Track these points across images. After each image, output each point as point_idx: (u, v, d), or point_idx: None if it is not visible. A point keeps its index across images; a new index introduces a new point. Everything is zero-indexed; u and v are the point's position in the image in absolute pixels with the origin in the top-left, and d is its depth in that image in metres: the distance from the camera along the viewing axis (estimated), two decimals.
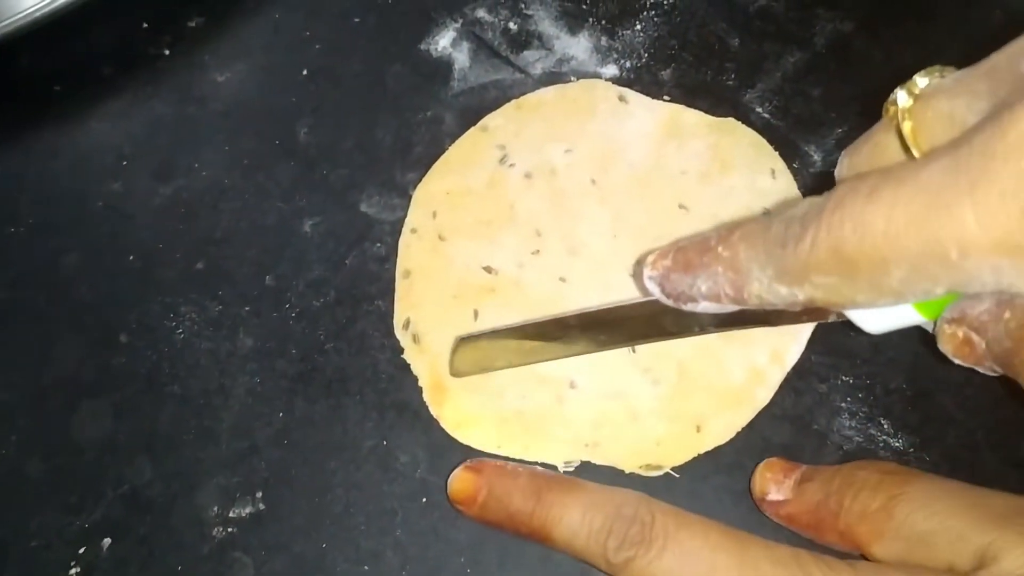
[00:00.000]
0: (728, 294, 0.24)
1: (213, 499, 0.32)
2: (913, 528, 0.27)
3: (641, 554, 0.27)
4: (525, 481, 0.30)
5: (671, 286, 0.26)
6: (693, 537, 0.27)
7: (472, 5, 0.39)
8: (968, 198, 0.18)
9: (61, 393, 0.34)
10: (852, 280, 0.21)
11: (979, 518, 0.26)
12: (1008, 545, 0.25)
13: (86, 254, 0.36)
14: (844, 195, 0.21)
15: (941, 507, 0.27)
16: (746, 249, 0.23)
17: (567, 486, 0.30)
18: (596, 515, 0.28)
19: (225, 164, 0.37)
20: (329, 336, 0.34)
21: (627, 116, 0.36)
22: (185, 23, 0.39)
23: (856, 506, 0.28)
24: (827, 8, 0.38)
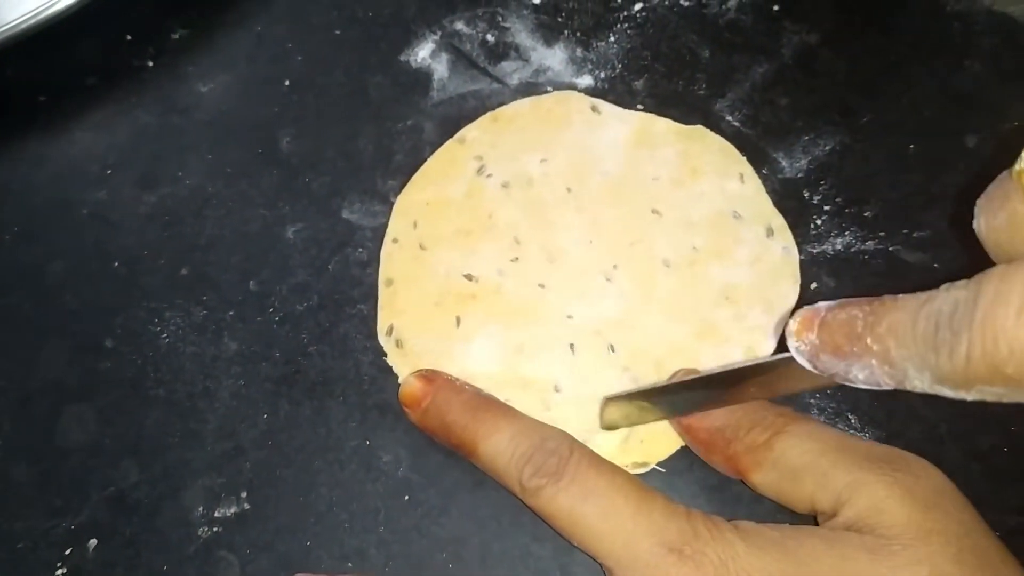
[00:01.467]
0: (888, 383, 0.23)
1: (199, 500, 0.33)
2: (787, 462, 0.29)
3: (550, 484, 0.29)
4: (467, 397, 0.32)
5: (823, 366, 0.24)
6: (600, 476, 0.29)
7: (451, 18, 0.40)
8: None
9: (47, 398, 0.34)
10: (1020, 390, 0.20)
11: (845, 460, 0.28)
12: (864, 487, 0.27)
13: (71, 261, 0.37)
14: (993, 308, 0.20)
15: (814, 446, 0.29)
16: (897, 347, 0.22)
17: (503, 410, 0.32)
18: (522, 441, 0.30)
19: (209, 172, 0.38)
20: (312, 339, 0.35)
21: (600, 126, 0.38)
22: (168, 35, 0.40)
23: (747, 438, 0.30)
24: (793, 21, 0.39)
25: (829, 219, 0.36)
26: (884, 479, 0.27)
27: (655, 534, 0.28)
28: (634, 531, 0.28)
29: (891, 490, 0.27)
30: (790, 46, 0.39)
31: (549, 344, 0.34)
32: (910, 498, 0.26)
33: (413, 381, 0.33)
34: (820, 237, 0.36)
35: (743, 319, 0.34)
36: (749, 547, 0.27)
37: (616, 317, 0.34)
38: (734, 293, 0.35)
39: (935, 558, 0.25)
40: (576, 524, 0.29)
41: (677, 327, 0.34)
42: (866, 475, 0.27)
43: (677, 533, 0.27)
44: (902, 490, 0.27)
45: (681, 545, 0.27)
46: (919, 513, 0.26)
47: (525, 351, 0.34)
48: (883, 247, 0.35)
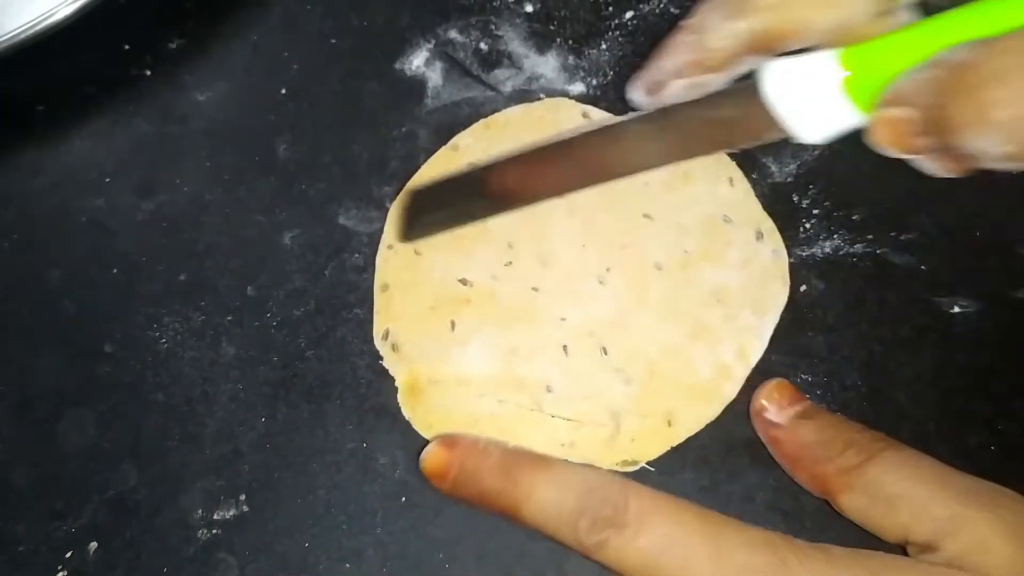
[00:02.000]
0: (690, 60, 0.27)
1: (198, 502, 0.33)
2: (881, 488, 0.28)
3: (614, 536, 0.27)
4: (496, 459, 0.30)
5: (648, 77, 0.29)
6: (667, 521, 0.27)
7: (445, 26, 0.40)
8: None
9: (46, 403, 0.35)
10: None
11: (944, 493, 0.27)
12: (967, 522, 0.26)
13: (70, 268, 0.37)
14: None
15: (910, 474, 0.28)
16: (706, 5, 0.27)
17: (538, 464, 0.30)
18: (568, 495, 0.28)
19: (206, 180, 0.38)
20: (309, 344, 0.35)
21: None
22: (166, 45, 0.40)
23: (839, 459, 0.29)
24: None
25: (818, 222, 0.36)
26: (987, 515, 0.26)
27: (743, 571, 0.26)
28: (722, 572, 0.26)
29: (994, 527, 0.26)
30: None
31: (543, 346, 0.35)
32: (1014, 537, 0.26)
33: (435, 451, 0.31)
34: (809, 240, 0.36)
35: (734, 320, 0.35)
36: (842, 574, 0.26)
37: (609, 319, 0.35)
38: (725, 295, 0.35)
39: None
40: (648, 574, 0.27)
41: (669, 328, 0.35)
42: (968, 510, 0.26)
43: (767, 568, 0.26)
44: (1006, 528, 0.26)
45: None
46: (1020, 553, 0.25)
47: (519, 353, 0.34)
48: (871, 250, 0.36)
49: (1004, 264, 0.35)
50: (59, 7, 0.37)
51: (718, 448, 0.33)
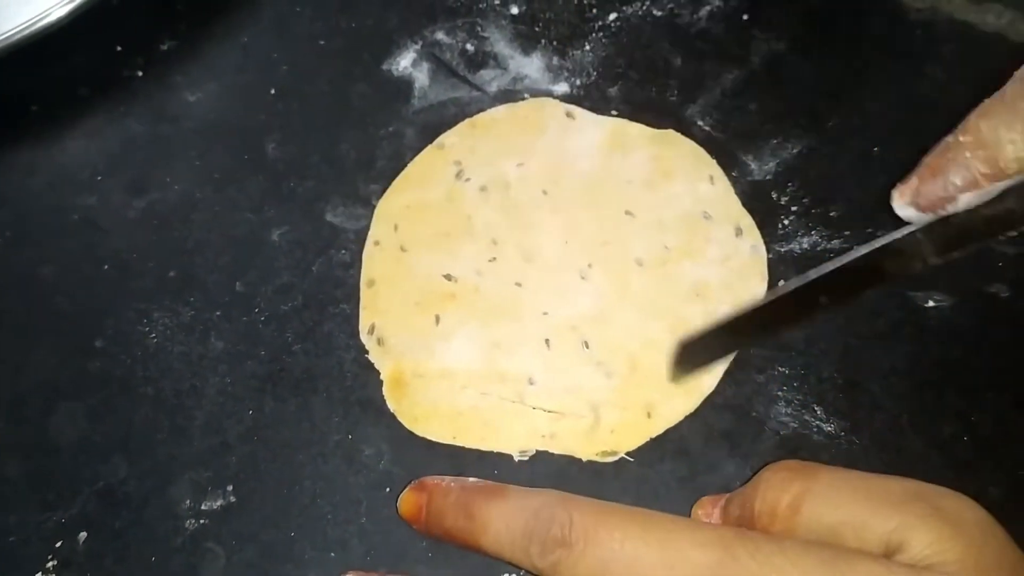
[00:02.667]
0: (984, 172, 0.25)
1: (186, 493, 0.34)
2: (820, 522, 0.27)
3: (564, 556, 0.27)
4: (454, 498, 0.31)
5: (925, 198, 0.26)
6: (612, 533, 0.27)
7: (431, 28, 0.41)
8: None
9: (38, 396, 0.36)
10: None
11: (879, 505, 0.27)
12: (913, 530, 0.26)
13: (63, 265, 0.38)
14: None
15: (844, 499, 0.27)
16: (986, 123, 0.24)
17: (490, 496, 0.30)
18: (516, 521, 0.29)
19: (197, 178, 0.39)
20: (296, 338, 0.36)
21: (575, 131, 0.39)
22: (158, 46, 0.41)
23: (766, 508, 0.28)
24: (762, 30, 0.41)
25: (796, 219, 0.37)
26: (929, 518, 0.26)
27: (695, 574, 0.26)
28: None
29: (940, 528, 0.26)
30: (759, 54, 0.40)
31: (525, 340, 0.35)
32: (960, 534, 0.26)
33: (407, 495, 0.32)
34: (787, 236, 0.37)
35: (713, 314, 0.35)
36: (799, 571, 0.25)
37: (591, 313, 0.36)
38: (705, 290, 0.36)
39: None
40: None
41: (650, 323, 0.35)
42: (911, 518, 0.26)
43: (716, 565, 0.26)
44: (949, 528, 0.26)
45: None
46: (970, 550, 0.25)
47: (502, 347, 0.35)
48: (848, 246, 0.36)
49: (977, 260, 0.36)
50: (53, 9, 0.38)
51: (696, 439, 0.34)
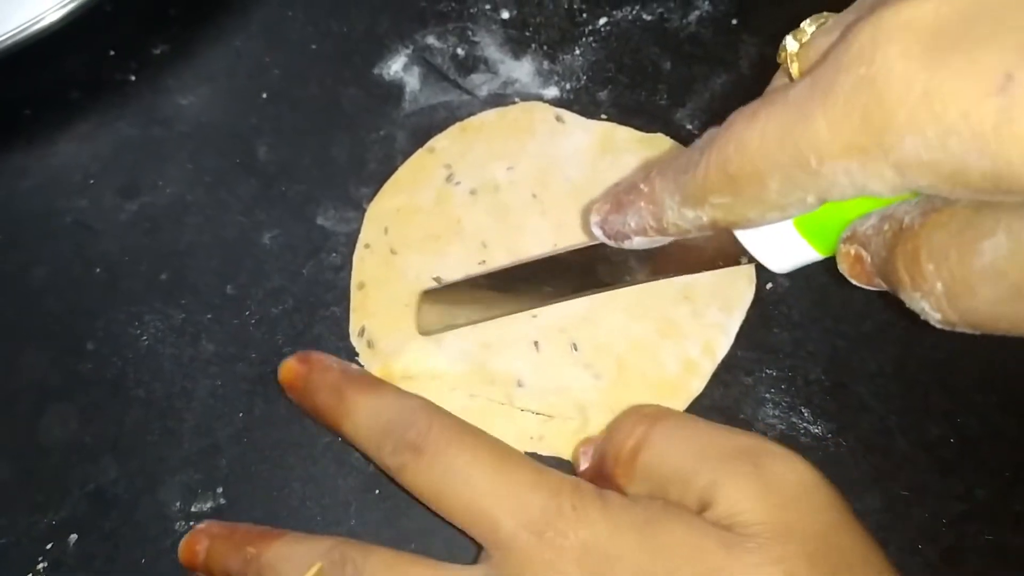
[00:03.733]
0: (652, 226, 0.26)
1: (176, 495, 0.34)
2: (652, 472, 0.28)
3: (411, 461, 0.29)
4: (333, 376, 0.32)
5: (609, 227, 0.28)
6: (460, 452, 0.29)
7: (422, 32, 0.41)
8: (820, 108, 0.20)
9: (29, 398, 0.36)
10: (739, 196, 0.23)
11: (705, 460, 0.27)
12: (721, 488, 0.26)
13: (54, 267, 0.38)
14: (733, 120, 0.23)
15: (676, 450, 0.28)
16: (660, 181, 0.26)
17: (365, 386, 0.32)
18: (381, 417, 0.30)
19: (188, 181, 0.39)
20: (287, 341, 0.36)
21: (564, 135, 0.39)
22: (150, 50, 0.41)
23: (611, 451, 0.30)
24: (751, 34, 0.41)
25: None
26: (741, 478, 0.27)
27: (516, 514, 0.27)
28: (496, 511, 0.28)
29: (748, 489, 0.26)
30: (748, 57, 0.41)
31: (514, 342, 0.35)
32: (767, 496, 0.26)
33: (290, 363, 0.34)
34: None
35: (701, 316, 0.36)
36: (612, 530, 0.27)
37: (579, 315, 0.36)
38: (692, 292, 0.36)
39: (790, 558, 0.25)
40: (440, 504, 0.29)
41: (638, 324, 0.36)
42: (723, 476, 0.27)
43: (540, 512, 0.27)
44: (759, 487, 0.26)
45: (542, 527, 0.27)
46: (777, 511, 0.26)
47: (491, 348, 0.35)
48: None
49: None
50: (45, 13, 0.38)
51: None
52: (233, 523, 0.32)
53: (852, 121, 0.20)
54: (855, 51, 0.20)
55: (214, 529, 0.32)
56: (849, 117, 0.20)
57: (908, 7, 0.19)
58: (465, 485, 0.28)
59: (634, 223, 0.27)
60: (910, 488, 0.33)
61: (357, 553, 0.29)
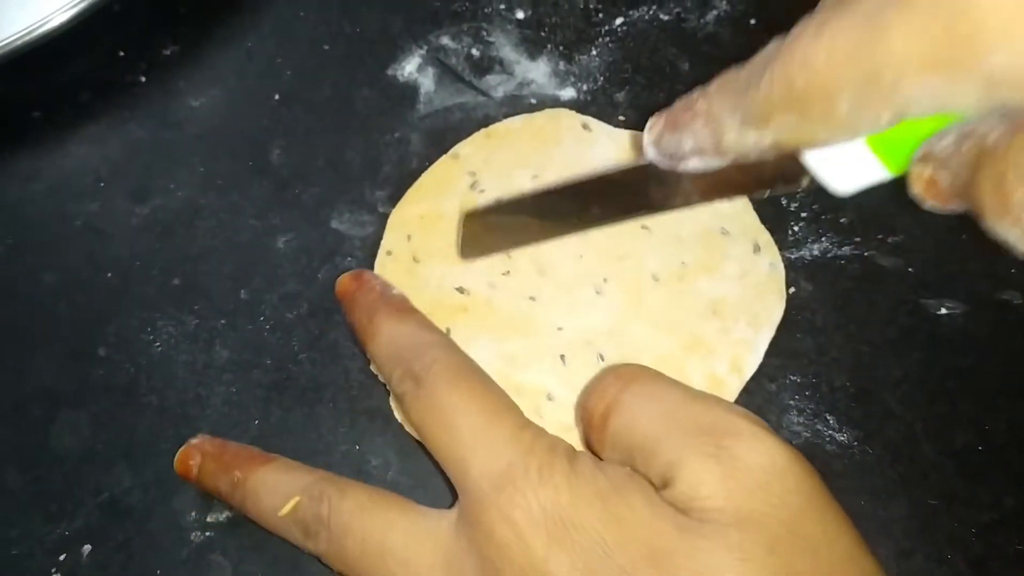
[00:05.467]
0: (710, 147, 0.25)
1: (191, 504, 0.33)
2: (620, 439, 0.28)
3: (411, 392, 0.29)
4: (371, 298, 0.33)
5: (663, 147, 0.26)
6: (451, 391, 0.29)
7: (436, 32, 0.41)
8: (897, 18, 0.19)
9: (40, 405, 0.35)
10: (806, 116, 0.21)
11: (671, 434, 0.26)
12: (683, 467, 0.25)
13: (65, 272, 0.37)
14: (799, 31, 0.21)
15: (643, 419, 0.27)
16: (720, 99, 0.24)
17: (395, 311, 0.33)
18: (397, 342, 0.31)
19: (200, 185, 0.38)
20: (302, 347, 0.36)
21: (591, 143, 0.38)
22: (160, 51, 0.41)
23: (584, 415, 0.29)
24: (771, 34, 0.40)
25: (806, 225, 0.37)
26: (702, 459, 0.25)
27: (485, 464, 0.27)
28: (467, 457, 0.27)
29: (708, 472, 0.25)
30: None
31: (540, 354, 0.35)
32: (728, 479, 0.25)
33: (344, 278, 0.34)
34: (798, 243, 0.36)
35: (729, 332, 0.35)
36: (573, 497, 0.26)
37: (605, 328, 0.35)
38: (721, 307, 0.35)
39: (748, 544, 0.24)
40: (426, 439, 0.29)
41: (665, 339, 0.35)
42: (686, 454, 0.26)
43: (507, 467, 0.27)
44: (720, 471, 0.25)
45: (502, 482, 0.26)
46: (739, 495, 0.25)
47: (517, 361, 0.34)
48: (859, 252, 0.36)
49: (990, 266, 0.36)
50: (54, 14, 0.37)
51: None
52: (225, 441, 0.33)
53: (934, 32, 0.18)
54: None
55: (206, 446, 0.33)
56: (931, 28, 0.18)
57: None
58: (447, 426, 0.28)
59: (691, 144, 0.25)
60: (938, 497, 0.33)
61: (335, 491, 0.29)
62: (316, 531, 0.29)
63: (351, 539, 0.28)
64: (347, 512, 0.29)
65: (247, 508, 0.31)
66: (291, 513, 0.29)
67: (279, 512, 0.30)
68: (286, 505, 0.30)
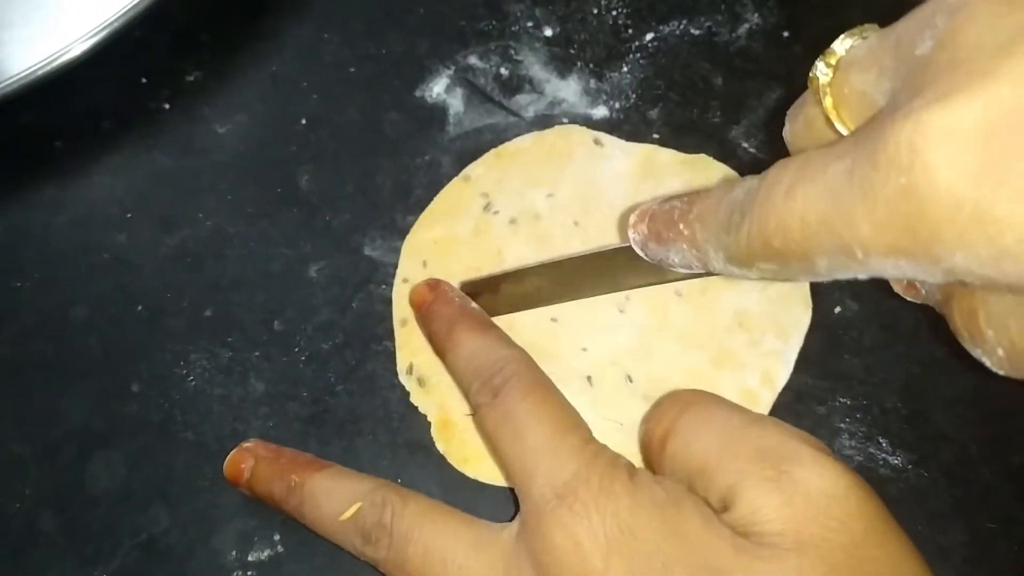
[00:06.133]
0: (696, 267, 0.26)
1: (231, 543, 0.33)
2: (678, 463, 0.28)
3: (486, 404, 0.30)
4: (451, 309, 0.33)
5: (651, 253, 0.28)
6: (522, 402, 0.29)
7: (464, 52, 0.40)
8: (861, 206, 0.19)
9: (73, 444, 0.34)
10: (787, 266, 0.22)
11: (730, 458, 0.27)
12: (743, 492, 0.26)
13: (94, 306, 0.36)
14: (770, 188, 0.22)
15: (700, 443, 0.28)
16: (701, 230, 0.25)
17: (476, 324, 0.33)
18: (477, 357, 0.31)
19: (229, 213, 0.38)
20: (339, 378, 0.35)
21: (604, 159, 0.38)
22: (183, 77, 0.40)
23: (644, 437, 0.30)
24: (804, 46, 0.40)
25: None
26: (765, 482, 0.26)
27: (550, 474, 0.28)
28: (533, 467, 0.28)
29: (768, 497, 0.25)
30: (802, 71, 0.39)
31: (566, 377, 0.34)
32: (788, 505, 0.25)
33: (420, 286, 0.35)
34: None
35: (758, 345, 0.34)
36: (633, 506, 0.26)
37: (631, 347, 0.35)
38: (747, 320, 0.35)
39: (807, 568, 0.24)
40: (495, 450, 0.30)
41: (693, 355, 0.34)
42: (745, 479, 0.26)
43: (571, 477, 0.27)
44: (780, 496, 0.25)
45: (567, 492, 0.27)
46: (799, 521, 0.25)
47: None
48: None
49: None
50: (75, 43, 0.36)
51: None
52: (279, 447, 0.33)
53: (895, 228, 0.19)
54: (892, 152, 0.19)
55: (260, 450, 0.33)
56: (892, 223, 0.19)
57: (950, 110, 0.18)
58: (516, 437, 0.29)
59: (678, 259, 0.27)
60: (996, 520, 0.32)
61: (397, 498, 0.29)
62: (378, 537, 0.29)
63: (413, 547, 0.28)
64: (409, 519, 0.29)
65: (304, 513, 0.31)
66: (352, 518, 0.29)
67: (340, 517, 0.30)
68: (348, 510, 0.29)
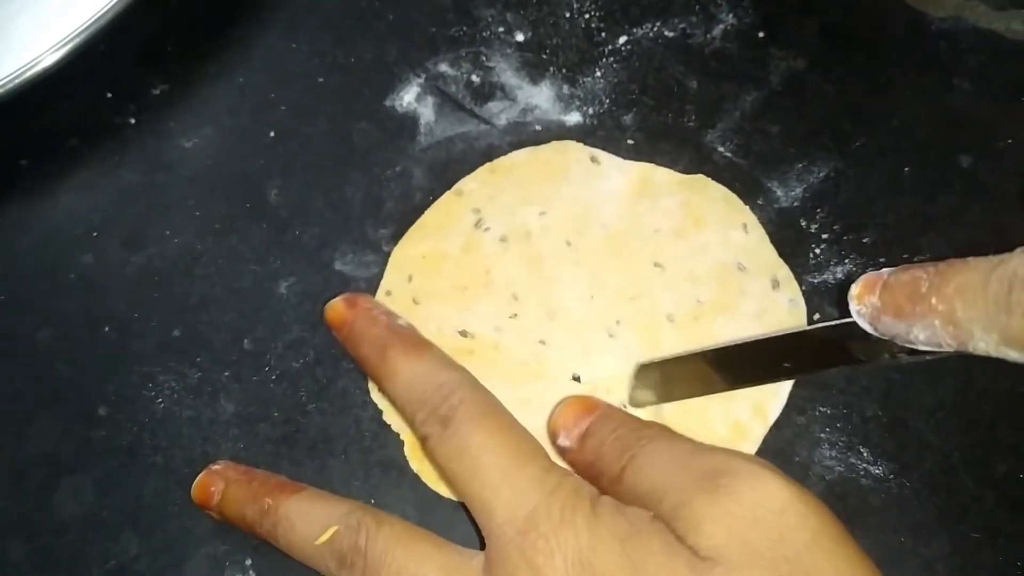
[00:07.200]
0: (950, 344, 0.24)
1: (203, 569, 0.32)
2: (636, 491, 0.28)
3: (436, 434, 0.29)
4: (377, 331, 0.32)
5: (884, 328, 0.26)
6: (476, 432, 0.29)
7: (434, 60, 0.39)
8: None
9: (40, 471, 0.34)
10: None
11: (677, 481, 0.27)
12: (685, 507, 0.26)
13: (60, 328, 0.36)
14: None
15: (655, 471, 0.28)
16: (964, 307, 0.23)
17: (410, 347, 0.32)
18: (418, 385, 0.30)
19: (196, 230, 0.37)
20: (311, 397, 0.34)
21: (600, 177, 0.37)
22: (149, 91, 0.39)
23: (604, 468, 0.29)
24: (779, 47, 0.39)
25: (828, 247, 0.35)
26: (703, 499, 0.26)
27: (510, 509, 0.27)
28: (493, 503, 0.28)
29: (707, 512, 0.25)
30: (777, 72, 0.39)
31: (556, 399, 0.33)
32: (727, 518, 0.25)
33: (336, 305, 0.34)
34: (820, 266, 0.35)
35: None
36: (593, 540, 0.26)
37: (623, 376, 0.34)
38: None
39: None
40: (452, 482, 0.29)
41: None
42: (687, 497, 0.26)
43: (531, 511, 0.27)
44: (719, 510, 0.25)
45: (527, 527, 0.27)
46: (742, 533, 0.25)
47: (530, 406, 0.33)
48: None
49: None
50: (43, 56, 0.36)
51: None
52: (250, 468, 0.32)
53: None
54: None
55: (231, 472, 0.32)
56: None
57: None
58: (473, 473, 0.28)
59: (924, 336, 0.25)
60: (980, 529, 0.31)
61: (372, 521, 0.29)
62: (353, 561, 0.28)
63: (386, 570, 0.28)
64: (383, 542, 0.28)
65: (277, 536, 0.30)
66: (328, 542, 0.29)
67: (316, 541, 0.29)
68: (324, 534, 0.29)
